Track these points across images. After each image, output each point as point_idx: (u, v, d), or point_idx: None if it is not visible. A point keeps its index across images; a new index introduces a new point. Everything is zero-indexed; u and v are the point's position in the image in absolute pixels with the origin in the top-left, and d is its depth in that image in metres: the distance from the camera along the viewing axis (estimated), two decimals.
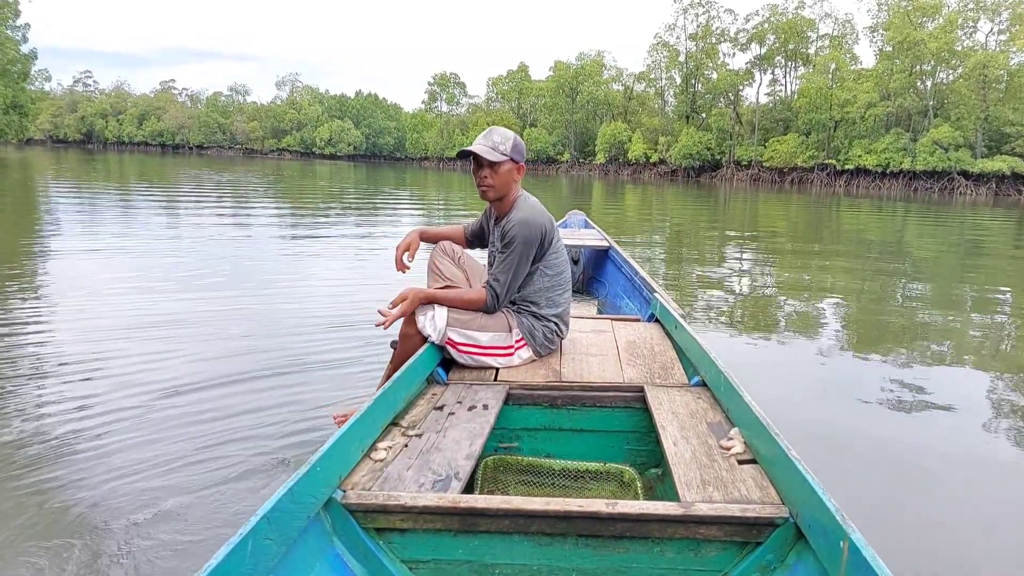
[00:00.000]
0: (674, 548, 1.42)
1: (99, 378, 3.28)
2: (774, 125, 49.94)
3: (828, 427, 3.11)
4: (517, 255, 2.40)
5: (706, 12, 52.82)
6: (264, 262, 7.20)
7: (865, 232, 14.38)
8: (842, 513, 1.20)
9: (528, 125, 66.74)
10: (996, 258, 10.06)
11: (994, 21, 41.61)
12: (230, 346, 3.92)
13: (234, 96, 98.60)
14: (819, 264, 8.76)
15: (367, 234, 10.50)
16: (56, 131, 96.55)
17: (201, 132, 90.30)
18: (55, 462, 2.41)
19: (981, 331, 5.25)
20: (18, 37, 40.60)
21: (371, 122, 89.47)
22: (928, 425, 3.22)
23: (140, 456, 2.47)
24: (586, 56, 62.33)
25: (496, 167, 2.40)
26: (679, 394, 2.16)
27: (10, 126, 40.99)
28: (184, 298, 5.18)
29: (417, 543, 1.46)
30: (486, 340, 2.41)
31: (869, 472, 2.66)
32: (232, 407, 2.95)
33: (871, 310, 5.95)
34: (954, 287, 7.41)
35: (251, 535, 1.15)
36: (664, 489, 2.01)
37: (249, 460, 2.46)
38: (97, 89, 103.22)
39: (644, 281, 3.73)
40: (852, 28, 50.93)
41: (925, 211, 22.84)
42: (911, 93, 41.63)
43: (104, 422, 2.76)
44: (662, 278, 7.00)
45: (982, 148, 38.74)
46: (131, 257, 7.14)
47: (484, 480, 2.04)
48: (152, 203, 14.42)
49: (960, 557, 2.13)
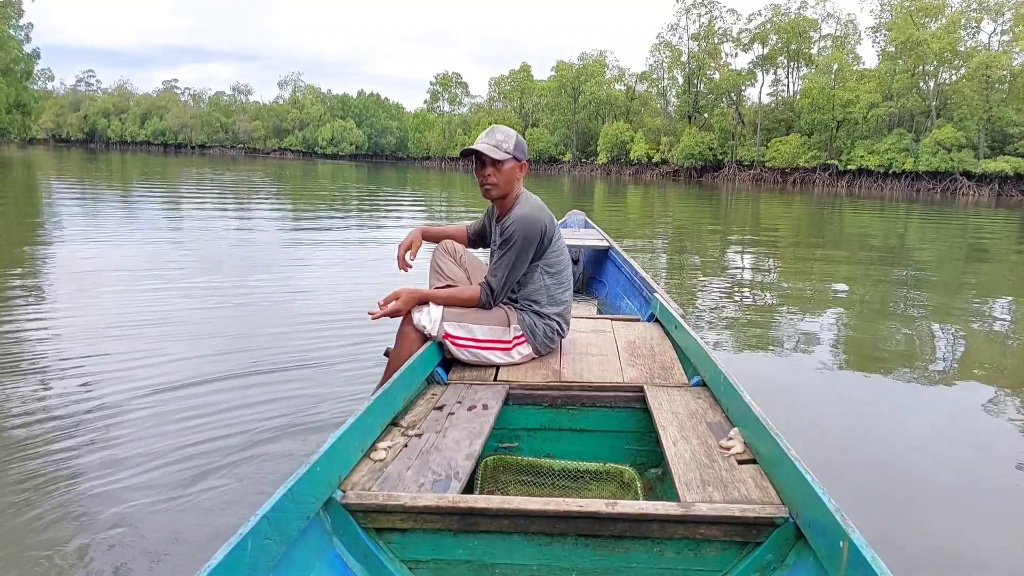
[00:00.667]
0: (674, 548, 1.42)
1: (97, 376, 3.28)
2: (776, 125, 49.87)
3: (828, 427, 3.11)
4: (515, 251, 2.40)
5: (708, 12, 52.84)
6: (264, 260, 7.20)
7: (867, 233, 14.37)
8: (842, 513, 1.19)
9: (530, 125, 66.72)
10: (997, 264, 10.04)
11: (997, 21, 41.62)
12: (230, 344, 3.93)
13: (236, 96, 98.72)
14: (821, 265, 8.76)
15: (368, 233, 10.51)
16: (59, 130, 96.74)
17: (204, 132, 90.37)
18: (53, 460, 2.41)
19: (982, 333, 5.24)
20: (21, 37, 40.74)
21: (373, 122, 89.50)
22: (928, 425, 3.21)
23: (139, 455, 2.47)
24: (588, 56, 62.30)
25: (499, 165, 2.41)
26: (679, 394, 2.16)
27: (13, 125, 41.11)
28: (184, 296, 5.19)
29: (417, 543, 1.46)
30: (482, 333, 2.41)
31: (869, 472, 2.66)
32: (232, 406, 2.95)
33: (872, 312, 5.95)
34: (955, 290, 7.39)
35: (251, 535, 1.15)
36: (664, 489, 2.01)
37: (249, 459, 2.46)
38: (100, 88, 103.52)
39: (644, 281, 3.73)
40: (855, 28, 51.00)
41: (927, 212, 22.81)
42: (914, 94, 41.58)
43: (103, 422, 2.77)
44: (663, 278, 7.00)
45: (985, 149, 38.65)
46: (131, 255, 7.14)
47: (484, 480, 2.04)
48: (154, 202, 14.44)
49: (960, 557, 2.12)
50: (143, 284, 5.62)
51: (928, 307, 6.15)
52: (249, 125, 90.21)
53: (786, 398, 3.47)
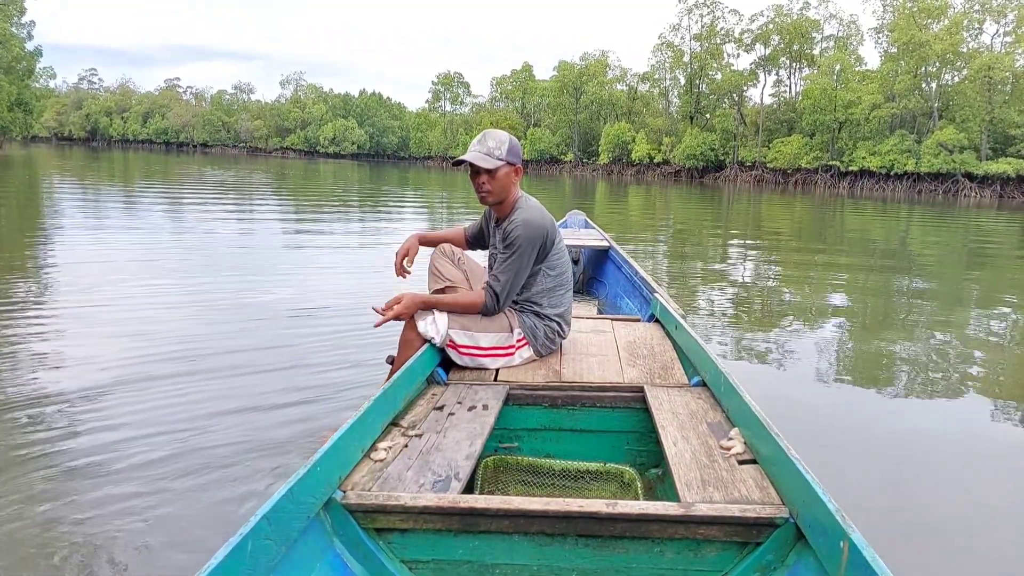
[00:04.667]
0: (674, 548, 1.42)
1: (96, 374, 3.28)
2: (778, 126, 49.83)
3: (829, 427, 3.11)
4: (519, 256, 2.39)
5: (711, 13, 52.80)
6: (264, 258, 7.21)
7: (869, 235, 14.35)
8: (842, 513, 1.19)
9: (532, 125, 66.65)
10: (998, 269, 10.02)
11: (1000, 23, 41.57)
12: (230, 343, 3.93)
13: (239, 94, 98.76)
14: (822, 266, 8.75)
15: (369, 232, 10.51)
16: (61, 128, 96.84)
17: (205, 130, 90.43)
18: (51, 459, 2.41)
19: (982, 334, 5.23)
20: (23, 35, 40.74)
21: (375, 121, 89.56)
22: (929, 425, 3.21)
23: (139, 455, 2.47)
24: (590, 56, 62.26)
25: (493, 173, 2.39)
26: (679, 394, 2.16)
27: (15, 123, 41.13)
28: (183, 296, 5.19)
29: (417, 543, 1.46)
30: (488, 342, 2.40)
31: (869, 472, 2.65)
32: (231, 404, 2.95)
33: (873, 314, 5.94)
34: (957, 294, 7.39)
35: (251, 535, 1.15)
36: (664, 489, 2.01)
37: (249, 460, 2.46)
38: (102, 87, 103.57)
39: (644, 281, 3.72)
40: (857, 29, 50.89)
41: (929, 214, 22.78)
42: (916, 95, 41.51)
43: (101, 419, 2.77)
44: (664, 278, 7.00)
45: (987, 150, 38.60)
46: (130, 255, 7.14)
47: (484, 480, 2.04)
48: (156, 200, 14.44)
49: (960, 557, 2.12)
50: (143, 284, 5.62)
51: (929, 311, 6.15)
52: (251, 124, 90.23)
53: (786, 398, 3.47)
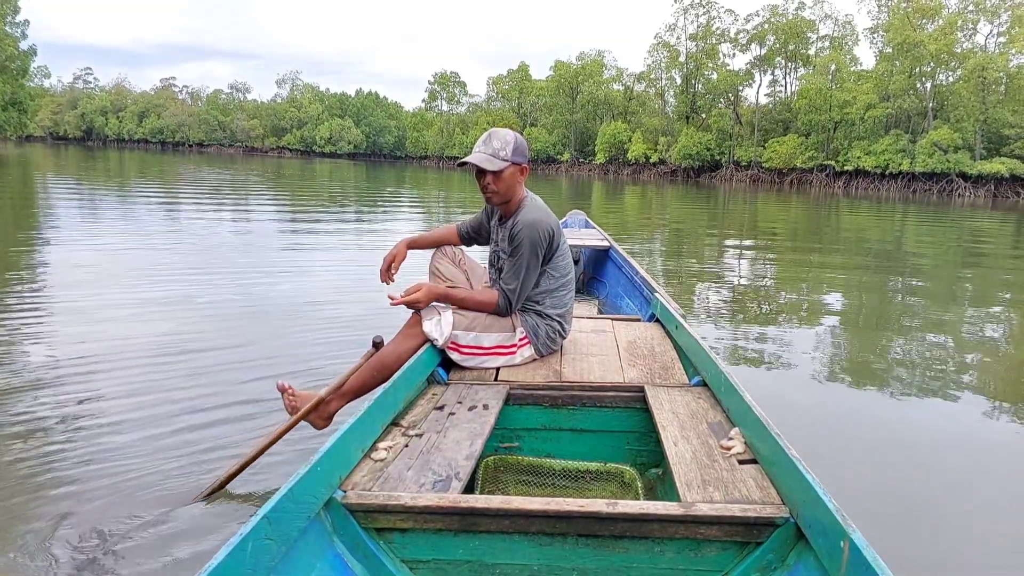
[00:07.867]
0: (674, 548, 1.42)
1: (95, 373, 3.27)
2: (774, 126, 49.94)
3: (829, 427, 3.11)
4: (526, 259, 2.39)
5: (706, 12, 52.84)
6: (263, 257, 7.19)
7: (864, 235, 14.39)
8: (842, 513, 1.20)
9: (528, 124, 66.71)
10: (992, 269, 10.06)
11: (993, 23, 41.69)
12: (228, 342, 3.91)
13: (234, 94, 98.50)
14: (818, 266, 8.77)
15: (366, 231, 10.49)
16: (56, 128, 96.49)
17: (201, 130, 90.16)
18: (50, 458, 2.40)
19: (978, 333, 5.25)
20: (17, 33, 40.56)
21: (371, 121, 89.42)
22: (929, 425, 3.22)
23: (138, 455, 2.46)
24: (587, 56, 62.30)
25: (499, 174, 2.37)
26: (679, 394, 2.16)
27: (9, 123, 40.98)
28: (182, 295, 5.17)
29: (417, 543, 1.45)
30: (491, 342, 2.41)
31: (870, 472, 2.66)
32: (229, 404, 2.94)
33: (870, 313, 5.96)
34: (951, 293, 7.41)
35: (251, 535, 1.15)
36: (664, 489, 2.01)
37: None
38: (97, 86, 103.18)
39: (644, 281, 3.73)
40: (852, 29, 51.05)
41: (924, 213, 22.85)
42: (911, 95, 41.65)
43: (101, 422, 2.76)
44: (662, 278, 7.00)
45: (981, 150, 38.76)
46: (129, 253, 7.12)
47: (484, 480, 2.04)
48: (151, 199, 14.39)
49: (961, 557, 2.13)
50: (142, 283, 5.60)
51: (926, 310, 6.17)
52: (247, 123, 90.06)
53: (786, 398, 3.47)
